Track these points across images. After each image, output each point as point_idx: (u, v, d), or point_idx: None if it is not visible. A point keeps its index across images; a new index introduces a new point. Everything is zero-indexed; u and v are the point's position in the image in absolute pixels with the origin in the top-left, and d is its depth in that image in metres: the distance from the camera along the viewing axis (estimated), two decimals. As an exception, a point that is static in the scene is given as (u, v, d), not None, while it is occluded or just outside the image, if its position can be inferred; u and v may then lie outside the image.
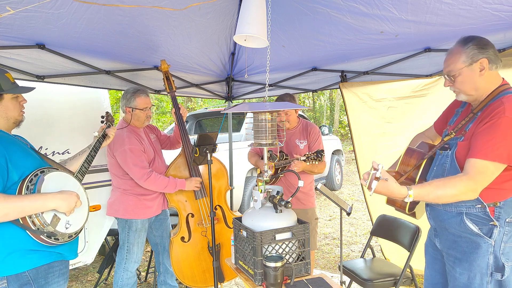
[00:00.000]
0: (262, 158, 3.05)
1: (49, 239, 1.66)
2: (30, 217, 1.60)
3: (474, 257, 1.66)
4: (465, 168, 1.60)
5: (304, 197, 3.05)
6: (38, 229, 1.62)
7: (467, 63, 1.66)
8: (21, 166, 1.67)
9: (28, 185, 1.63)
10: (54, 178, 1.73)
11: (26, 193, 1.61)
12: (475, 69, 1.66)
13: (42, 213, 1.61)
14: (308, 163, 2.85)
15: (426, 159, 1.83)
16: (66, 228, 1.70)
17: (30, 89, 1.82)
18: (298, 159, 2.84)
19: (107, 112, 2.48)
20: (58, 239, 1.69)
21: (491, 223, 1.63)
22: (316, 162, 2.85)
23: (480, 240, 1.65)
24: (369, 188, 1.47)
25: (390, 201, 1.89)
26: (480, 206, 1.64)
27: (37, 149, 1.91)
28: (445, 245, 1.81)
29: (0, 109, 1.74)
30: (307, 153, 2.88)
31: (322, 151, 2.86)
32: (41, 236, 1.63)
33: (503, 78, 1.71)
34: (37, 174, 1.68)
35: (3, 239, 1.62)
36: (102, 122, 2.40)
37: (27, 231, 1.63)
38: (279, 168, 3.00)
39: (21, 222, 1.60)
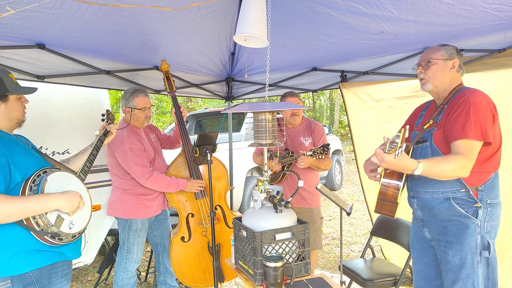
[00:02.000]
0: (270, 158, 3.06)
1: (53, 239, 1.65)
2: (34, 218, 1.59)
3: (464, 237, 1.81)
4: (454, 150, 1.77)
5: (309, 196, 3.06)
6: (42, 230, 1.62)
7: (445, 57, 1.94)
8: (23, 167, 1.66)
9: (31, 186, 1.62)
10: (56, 178, 1.72)
11: (29, 194, 1.60)
12: (448, 65, 1.94)
13: (46, 213, 1.61)
14: (314, 158, 2.87)
15: (410, 151, 1.96)
16: (70, 228, 1.70)
17: (33, 90, 1.82)
18: (304, 155, 2.87)
19: (107, 110, 2.47)
20: (62, 239, 1.69)
21: (476, 205, 1.81)
22: (323, 156, 2.87)
23: (468, 221, 1.82)
24: (401, 147, 1.51)
25: (380, 202, 1.92)
26: (464, 190, 1.82)
27: (38, 149, 1.91)
28: (435, 232, 1.93)
29: (4, 110, 1.74)
30: (313, 148, 2.91)
31: (328, 145, 2.90)
32: (45, 236, 1.63)
33: (461, 81, 1.99)
34: (39, 175, 1.67)
35: (8, 240, 1.62)
36: (102, 120, 2.39)
37: (31, 232, 1.62)
38: (285, 165, 3.01)
39: (25, 223, 1.59)
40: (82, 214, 1.78)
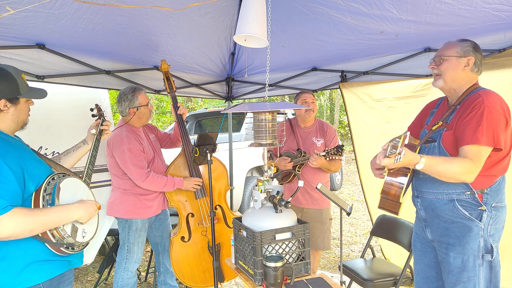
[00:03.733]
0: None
1: (67, 249, 1.61)
2: (50, 229, 1.53)
3: (466, 240, 1.79)
4: (461, 155, 1.73)
5: (320, 197, 3.05)
6: (57, 241, 1.56)
7: (458, 54, 1.85)
8: (35, 176, 1.58)
9: (43, 195, 1.54)
10: (67, 185, 1.66)
11: (43, 204, 1.53)
12: (461, 62, 1.85)
13: (63, 225, 1.55)
14: (327, 159, 2.87)
15: (417, 150, 1.94)
16: (83, 237, 1.66)
17: (44, 94, 1.75)
18: (318, 155, 2.86)
19: (96, 105, 2.33)
20: (74, 249, 1.64)
21: (480, 208, 1.78)
22: (336, 157, 2.87)
23: (471, 224, 1.79)
24: (400, 153, 1.51)
25: (383, 199, 1.93)
26: (469, 193, 1.79)
27: (36, 150, 1.88)
28: (437, 233, 1.91)
29: (13, 113, 1.63)
30: (327, 148, 2.90)
31: (342, 146, 2.90)
32: (61, 248, 1.58)
33: (476, 82, 1.91)
34: (49, 182, 1.60)
35: (20, 252, 1.55)
36: (93, 116, 2.32)
37: (47, 244, 1.56)
38: (297, 165, 3.01)
39: (41, 235, 1.53)
40: (92, 221, 1.73)
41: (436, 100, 2.11)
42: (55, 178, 1.65)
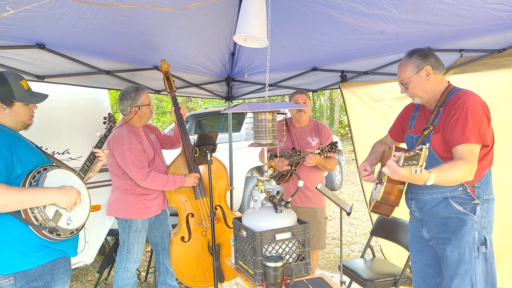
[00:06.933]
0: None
1: (51, 234, 1.69)
2: (32, 212, 1.63)
3: (462, 233, 1.83)
4: (457, 155, 1.76)
5: (314, 196, 3.06)
6: (40, 224, 1.65)
7: (414, 71, 1.93)
8: (25, 161, 1.70)
9: (31, 181, 1.66)
10: (56, 175, 1.76)
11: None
12: (422, 75, 1.92)
13: (44, 208, 1.64)
14: (322, 156, 2.89)
15: None
16: (68, 224, 1.74)
17: (41, 100, 1.88)
18: (312, 153, 2.87)
19: (109, 114, 2.48)
20: (60, 235, 1.72)
21: (473, 202, 1.83)
22: (331, 154, 2.89)
23: (466, 217, 1.84)
24: (422, 165, 1.48)
25: (378, 204, 1.95)
26: (461, 188, 1.84)
27: (41, 148, 1.94)
28: (434, 230, 1.95)
29: (10, 113, 1.80)
30: (321, 146, 2.92)
31: (336, 143, 2.91)
32: (43, 231, 1.66)
33: (448, 81, 1.98)
34: (39, 171, 1.71)
35: (11, 237, 1.65)
36: (104, 123, 2.39)
37: (30, 226, 1.65)
38: (293, 164, 3.02)
39: (24, 216, 1.63)
40: (80, 210, 1.82)
41: (414, 104, 2.15)
42: (48, 168, 1.76)
